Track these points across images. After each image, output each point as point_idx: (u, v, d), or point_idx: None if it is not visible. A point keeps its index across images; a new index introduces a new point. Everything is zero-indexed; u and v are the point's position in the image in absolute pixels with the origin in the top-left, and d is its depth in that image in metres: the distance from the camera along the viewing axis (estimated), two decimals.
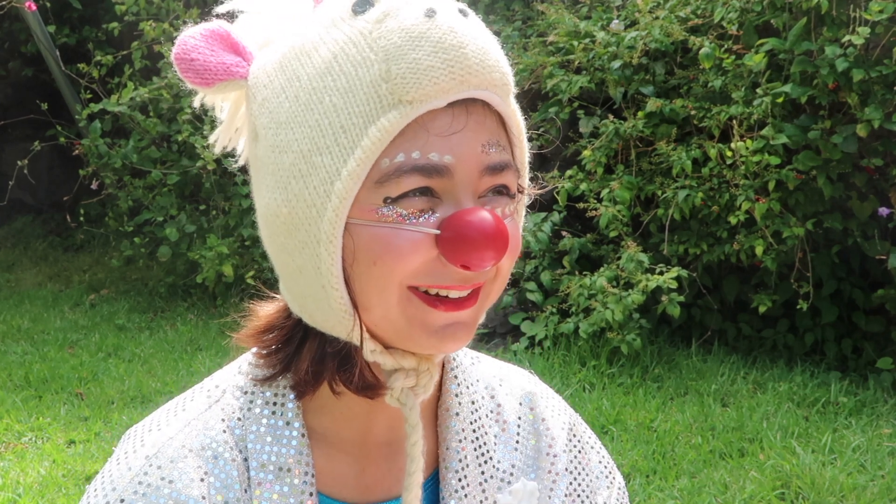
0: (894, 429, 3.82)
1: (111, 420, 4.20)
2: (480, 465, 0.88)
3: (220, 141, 0.86)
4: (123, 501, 0.76)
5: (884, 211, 4.26)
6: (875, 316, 4.55)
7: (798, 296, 4.42)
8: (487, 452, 0.89)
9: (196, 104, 0.84)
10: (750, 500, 3.28)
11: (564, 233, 4.85)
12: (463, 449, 0.88)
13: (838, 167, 4.31)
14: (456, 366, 0.90)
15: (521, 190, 0.81)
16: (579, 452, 0.96)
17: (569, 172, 4.89)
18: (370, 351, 0.77)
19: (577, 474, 0.94)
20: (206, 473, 0.78)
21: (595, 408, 4.02)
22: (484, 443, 0.89)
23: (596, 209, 4.64)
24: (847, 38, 4.06)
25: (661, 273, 4.39)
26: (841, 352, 4.58)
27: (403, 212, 0.72)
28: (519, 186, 0.80)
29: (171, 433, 0.80)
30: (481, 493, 0.88)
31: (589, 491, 0.94)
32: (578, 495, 0.94)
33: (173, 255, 6.02)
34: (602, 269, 4.55)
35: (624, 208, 4.61)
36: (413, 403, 0.79)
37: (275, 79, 0.76)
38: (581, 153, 4.86)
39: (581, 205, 4.76)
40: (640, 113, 4.70)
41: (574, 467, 0.94)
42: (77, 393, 4.58)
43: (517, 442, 0.93)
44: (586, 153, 4.80)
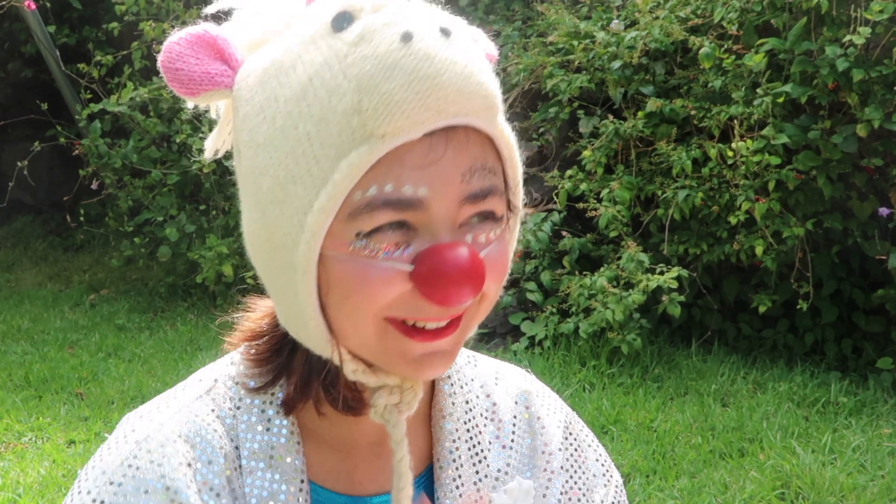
0: (894, 429, 3.82)
1: (111, 420, 4.20)
2: (475, 465, 0.88)
3: (213, 145, 0.84)
4: (112, 483, 0.77)
5: (884, 211, 4.26)
6: (875, 316, 4.55)
7: (798, 296, 4.42)
8: (482, 452, 0.89)
9: (190, 106, 0.83)
10: (750, 500, 3.28)
11: (564, 233, 4.85)
12: (457, 449, 0.87)
13: (838, 167, 4.31)
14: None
15: (514, 208, 0.78)
16: (575, 451, 0.95)
17: (569, 172, 4.89)
18: (352, 371, 0.77)
19: (574, 473, 0.94)
20: (195, 459, 0.79)
21: (595, 408, 4.02)
22: (478, 442, 0.89)
23: (596, 209, 4.64)
24: (848, 38, 4.06)
25: (662, 273, 4.39)
26: (841, 352, 4.58)
27: (376, 247, 0.70)
28: (511, 205, 0.77)
29: (162, 420, 0.81)
30: (476, 493, 0.88)
31: (585, 489, 0.94)
32: (575, 493, 0.93)
33: (173, 255, 6.02)
34: (602, 269, 4.55)
35: (624, 208, 4.61)
36: (396, 420, 0.79)
37: (255, 94, 0.73)
38: (581, 153, 4.86)
39: (581, 205, 4.76)
40: (640, 113, 4.70)
41: (570, 465, 0.94)
42: (77, 393, 4.58)
43: (512, 441, 0.93)
44: (586, 153, 4.80)
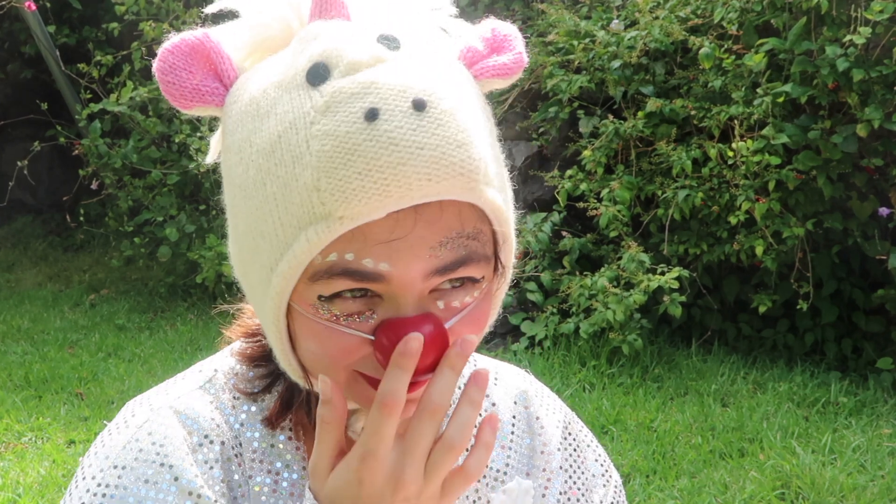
0: (894, 429, 3.82)
1: (111, 420, 4.19)
2: None
3: (216, 149, 0.83)
4: (116, 467, 0.78)
5: (884, 211, 4.26)
6: (875, 316, 4.55)
7: (798, 296, 4.42)
8: None
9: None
10: (750, 500, 3.28)
11: (564, 233, 4.85)
12: None
13: (838, 167, 4.31)
14: None
15: (503, 267, 0.75)
16: (574, 451, 0.95)
17: (569, 172, 4.89)
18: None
19: (573, 473, 0.94)
20: (194, 444, 0.79)
21: (595, 408, 4.02)
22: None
23: (596, 209, 4.64)
24: (848, 38, 4.06)
25: (662, 273, 4.39)
26: (841, 352, 4.58)
27: (337, 312, 0.69)
28: (500, 263, 0.74)
29: (161, 405, 0.82)
30: (475, 493, 0.89)
31: (585, 489, 0.94)
32: (574, 493, 0.93)
33: (173, 255, 6.02)
34: (603, 270, 4.55)
35: (624, 208, 4.61)
36: None
37: (236, 130, 0.72)
38: (581, 153, 4.86)
39: (581, 205, 4.76)
40: (640, 113, 4.70)
41: (569, 465, 0.94)
42: (77, 393, 4.58)
43: (511, 441, 0.92)
44: (586, 153, 4.80)
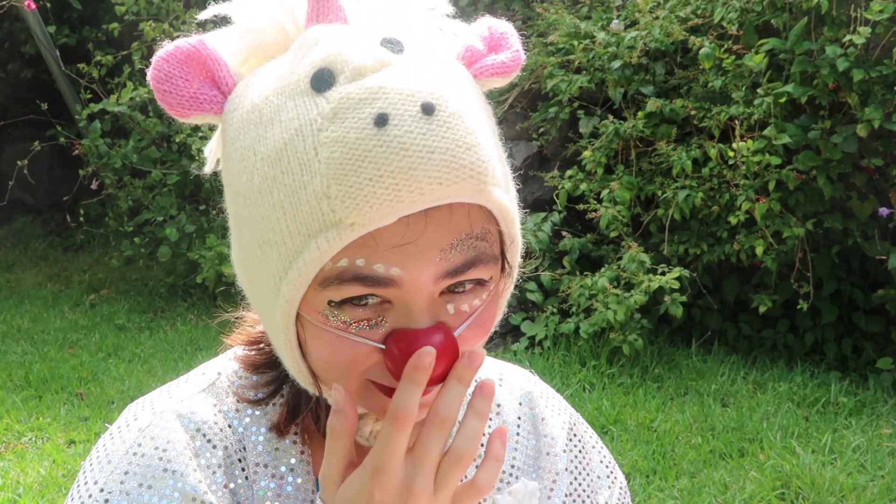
0: (894, 429, 3.82)
1: (111, 420, 4.19)
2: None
3: (213, 157, 0.81)
4: (118, 471, 0.77)
5: (884, 211, 4.26)
6: (875, 316, 4.55)
7: (798, 296, 4.42)
8: None
9: None
10: (750, 500, 3.28)
11: (564, 233, 4.85)
12: None
13: (838, 167, 4.31)
14: None
15: (510, 267, 0.75)
16: (580, 452, 0.95)
17: (569, 172, 4.89)
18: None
19: (578, 474, 0.94)
20: (197, 448, 0.79)
21: (595, 408, 4.02)
22: (482, 444, 0.88)
23: (596, 209, 4.64)
24: (848, 38, 4.06)
25: (663, 273, 4.39)
26: (841, 352, 4.58)
27: (347, 319, 0.68)
28: (507, 263, 0.75)
29: (164, 408, 0.81)
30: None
31: (590, 491, 0.94)
32: (579, 495, 0.93)
33: (173, 255, 6.02)
34: (603, 270, 4.55)
35: (624, 208, 4.61)
36: None
37: (238, 137, 0.71)
38: (581, 153, 4.86)
39: (581, 205, 4.76)
40: (640, 113, 4.70)
41: (575, 467, 0.94)
42: (77, 393, 4.58)
43: (517, 442, 0.93)
44: (586, 153, 4.80)
